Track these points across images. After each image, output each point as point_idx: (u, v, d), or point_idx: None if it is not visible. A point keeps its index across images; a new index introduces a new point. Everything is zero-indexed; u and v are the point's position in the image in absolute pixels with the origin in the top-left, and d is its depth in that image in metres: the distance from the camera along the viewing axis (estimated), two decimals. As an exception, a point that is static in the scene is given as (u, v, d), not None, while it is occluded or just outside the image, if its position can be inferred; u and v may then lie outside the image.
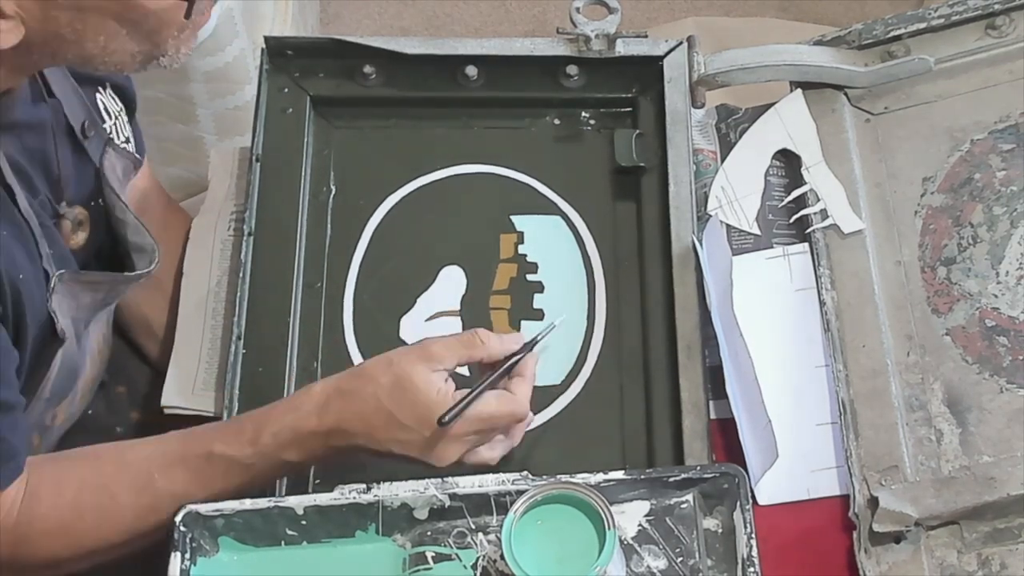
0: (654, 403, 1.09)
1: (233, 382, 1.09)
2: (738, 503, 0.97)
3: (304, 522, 0.98)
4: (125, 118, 1.16)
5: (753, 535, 0.95)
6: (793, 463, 1.06)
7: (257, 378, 1.10)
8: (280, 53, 1.23)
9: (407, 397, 0.97)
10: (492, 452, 1.02)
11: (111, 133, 1.12)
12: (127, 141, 1.14)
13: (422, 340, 1.01)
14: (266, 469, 0.99)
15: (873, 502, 1.02)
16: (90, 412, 1.20)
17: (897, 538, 1.01)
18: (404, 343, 1.13)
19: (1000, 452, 1.04)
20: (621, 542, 0.95)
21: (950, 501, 1.01)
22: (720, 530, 0.98)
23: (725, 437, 1.07)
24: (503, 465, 1.03)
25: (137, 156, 1.15)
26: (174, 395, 1.16)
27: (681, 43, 1.22)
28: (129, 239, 1.13)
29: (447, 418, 0.96)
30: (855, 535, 1.02)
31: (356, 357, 1.13)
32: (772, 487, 1.05)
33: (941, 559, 1.01)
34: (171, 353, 1.18)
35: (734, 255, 1.15)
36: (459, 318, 1.14)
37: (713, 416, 1.07)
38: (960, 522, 1.01)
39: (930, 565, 1.01)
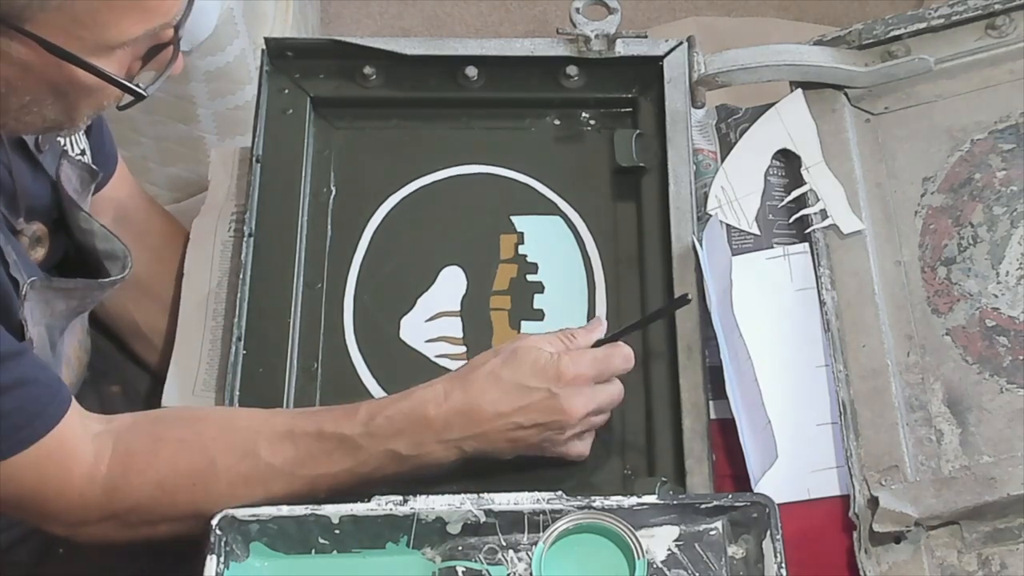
0: (654, 403, 1.09)
1: (233, 383, 1.09)
2: (768, 532, 0.97)
3: (338, 531, 0.97)
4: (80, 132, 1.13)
5: (783, 565, 0.96)
6: (793, 463, 1.06)
7: (257, 379, 1.10)
8: (280, 54, 1.23)
9: (525, 360, 0.99)
10: (602, 417, 1.04)
11: (65, 145, 1.10)
12: (82, 153, 1.13)
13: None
14: (373, 457, 0.98)
15: (873, 502, 1.02)
16: None
17: (897, 538, 1.01)
18: (404, 344, 1.13)
19: (1000, 452, 1.04)
20: (650, 566, 0.95)
21: (950, 501, 1.01)
22: (745, 557, 0.99)
23: (725, 437, 1.07)
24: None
25: (93, 167, 1.14)
26: (175, 396, 1.16)
27: (681, 43, 1.22)
28: (98, 247, 1.12)
29: (608, 335, 1.03)
30: (855, 535, 1.03)
31: (356, 357, 1.13)
32: (772, 487, 1.04)
33: (941, 559, 1.01)
34: (169, 354, 1.18)
35: (734, 255, 1.15)
36: (459, 318, 1.14)
37: (713, 416, 1.07)
38: (960, 522, 1.01)
39: (930, 565, 1.01)
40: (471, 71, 1.22)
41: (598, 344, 1.04)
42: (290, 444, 0.98)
